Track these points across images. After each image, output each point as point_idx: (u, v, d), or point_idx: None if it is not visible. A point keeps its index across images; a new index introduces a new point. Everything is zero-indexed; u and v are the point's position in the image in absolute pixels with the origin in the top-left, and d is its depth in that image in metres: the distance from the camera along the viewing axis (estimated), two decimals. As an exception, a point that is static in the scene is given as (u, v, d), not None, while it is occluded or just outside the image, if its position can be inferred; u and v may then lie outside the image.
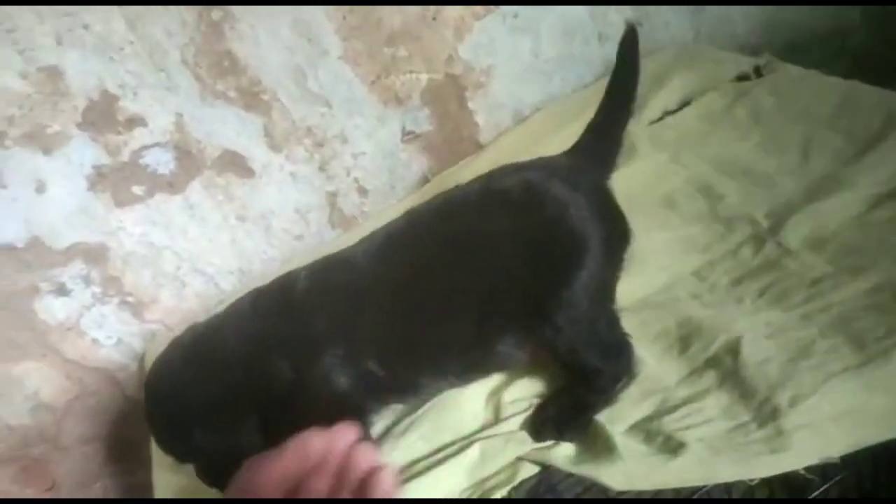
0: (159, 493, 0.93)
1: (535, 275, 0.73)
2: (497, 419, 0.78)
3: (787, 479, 0.65)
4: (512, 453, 0.73)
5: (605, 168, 0.82)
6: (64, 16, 1.02)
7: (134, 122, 1.12)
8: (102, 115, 1.10)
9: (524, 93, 1.40)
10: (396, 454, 0.76)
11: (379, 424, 0.83)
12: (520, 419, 0.77)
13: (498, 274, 0.74)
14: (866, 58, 1.70)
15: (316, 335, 0.74)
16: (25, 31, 1.01)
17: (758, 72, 1.19)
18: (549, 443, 0.73)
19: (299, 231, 1.34)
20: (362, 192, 1.34)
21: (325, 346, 0.74)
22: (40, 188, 1.11)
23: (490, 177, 0.82)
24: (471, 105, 1.36)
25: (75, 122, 1.09)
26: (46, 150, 1.09)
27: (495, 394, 0.81)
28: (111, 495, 1.43)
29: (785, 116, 1.05)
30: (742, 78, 1.20)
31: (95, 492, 1.42)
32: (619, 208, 0.79)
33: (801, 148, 0.98)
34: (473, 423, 0.78)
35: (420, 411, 0.80)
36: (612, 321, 0.77)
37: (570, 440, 0.73)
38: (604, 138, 0.83)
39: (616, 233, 0.78)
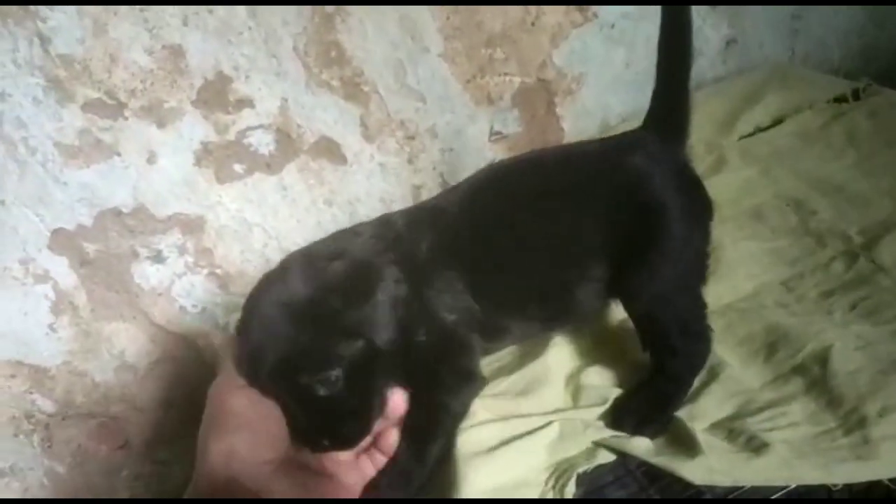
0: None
1: (617, 237, 0.75)
2: (575, 403, 0.80)
3: (870, 489, 0.65)
4: (590, 438, 0.75)
5: (680, 140, 0.82)
6: (191, -1, 1.09)
7: (243, 103, 1.19)
8: (216, 95, 1.16)
9: (613, 102, 1.42)
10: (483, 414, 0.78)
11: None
12: (597, 410, 0.78)
13: (579, 229, 0.76)
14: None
15: (420, 265, 0.74)
16: (156, 10, 1.08)
17: (856, 95, 1.18)
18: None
19: (383, 220, 1.38)
20: (445, 186, 1.38)
21: (430, 277, 0.75)
22: (151, 159, 1.18)
23: (574, 144, 0.85)
24: (559, 110, 1.39)
25: (190, 99, 1.15)
26: (161, 124, 1.16)
27: (574, 377, 0.82)
28: (179, 459, 1.49)
29: (882, 139, 1.05)
30: (839, 100, 1.19)
31: (164, 454, 1.48)
32: (699, 180, 0.80)
33: (896, 174, 0.98)
34: (555, 402, 0.79)
35: (505, 383, 0.82)
36: (697, 304, 0.78)
37: (651, 437, 0.74)
38: (673, 111, 0.83)
39: (699, 203, 0.79)
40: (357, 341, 0.68)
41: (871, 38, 1.53)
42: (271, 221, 1.31)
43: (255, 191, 1.27)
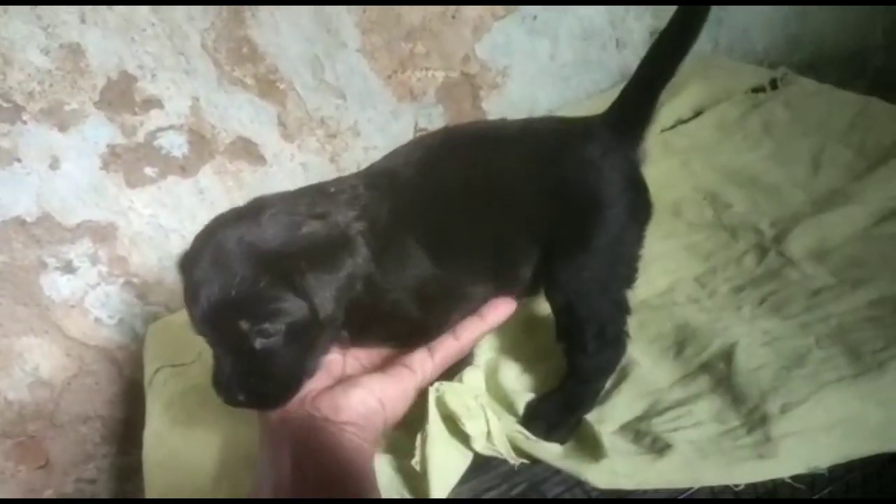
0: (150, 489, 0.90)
1: (556, 223, 0.74)
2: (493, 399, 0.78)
3: (775, 488, 0.64)
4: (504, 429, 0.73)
5: (636, 141, 0.80)
6: (88, -6, 1.03)
7: (150, 103, 1.13)
8: (120, 95, 1.11)
9: (539, 95, 1.40)
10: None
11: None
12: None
13: (519, 209, 0.75)
14: (886, 79, 1.70)
15: (382, 231, 0.72)
16: (50, 8, 1.02)
17: (774, 84, 1.19)
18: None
19: (307, 221, 1.34)
20: (372, 186, 1.35)
21: (391, 244, 0.72)
22: (54, 164, 1.12)
23: (533, 119, 0.85)
24: (484, 105, 1.37)
25: (93, 100, 1.10)
26: (63, 127, 1.10)
27: (492, 376, 0.80)
28: (104, 476, 1.43)
29: (797, 129, 1.05)
30: (758, 90, 1.19)
31: (89, 472, 1.42)
32: (646, 183, 0.79)
33: (812, 161, 0.98)
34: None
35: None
36: (619, 308, 0.76)
37: (559, 441, 0.73)
38: (638, 111, 0.80)
39: (640, 207, 0.78)
40: (305, 304, 0.66)
41: (795, 27, 1.55)
42: (189, 227, 1.25)
43: (170, 195, 1.22)
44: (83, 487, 1.43)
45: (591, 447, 0.68)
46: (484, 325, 0.77)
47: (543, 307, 0.79)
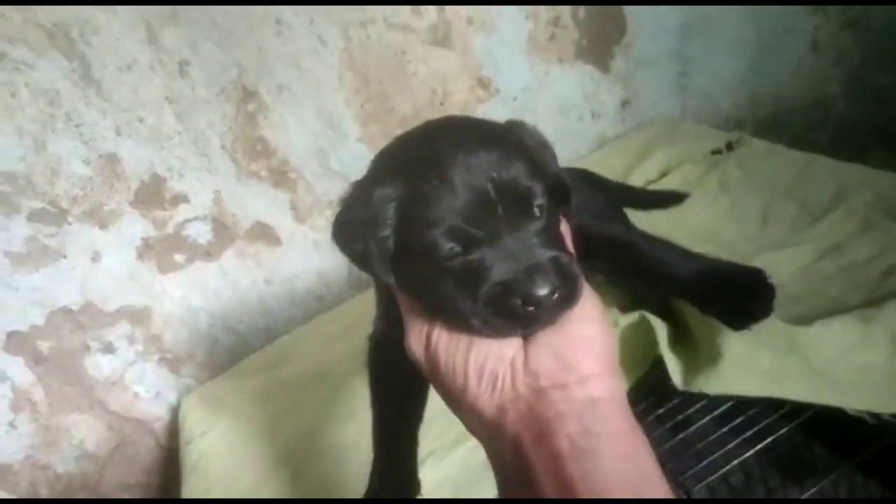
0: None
1: None
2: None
3: None
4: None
5: None
6: (123, 111, 1.19)
7: (178, 199, 1.29)
8: (152, 194, 1.26)
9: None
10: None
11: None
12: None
13: None
14: (847, 126, 1.84)
15: None
16: (90, 125, 1.19)
17: (730, 146, 1.32)
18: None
19: (320, 292, 1.48)
20: (378, 257, 1.48)
21: None
22: (96, 258, 1.27)
23: None
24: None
25: (128, 200, 1.25)
26: (103, 226, 1.25)
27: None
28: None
29: (749, 187, 1.18)
30: (716, 152, 1.33)
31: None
32: None
33: (761, 216, 1.11)
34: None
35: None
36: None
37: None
38: None
39: None
40: None
41: (755, 86, 1.69)
42: (215, 305, 1.40)
43: (197, 277, 1.36)
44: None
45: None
46: None
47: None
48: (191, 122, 1.25)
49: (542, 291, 0.52)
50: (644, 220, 1.07)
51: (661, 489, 0.45)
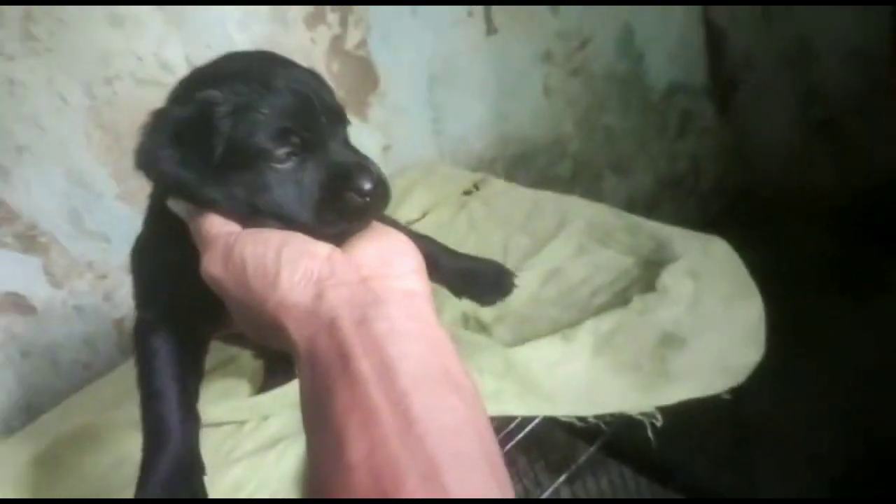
0: None
1: None
2: None
3: None
4: None
5: None
6: None
7: None
8: None
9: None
10: None
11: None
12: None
13: None
14: (583, 160, 2.13)
15: None
16: None
17: (477, 186, 1.48)
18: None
19: (88, 360, 1.40)
20: (150, 315, 1.44)
21: None
22: None
23: None
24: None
25: None
26: None
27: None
28: None
29: (492, 224, 1.33)
30: (467, 192, 1.48)
31: None
32: None
33: (503, 248, 1.25)
34: None
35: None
36: None
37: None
38: None
39: None
40: None
41: (501, 128, 1.90)
42: (-41, 387, 1.27)
43: (-64, 359, 1.23)
44: None
45: None
46: None
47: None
48: (-87, 190, 1.14)
49: (369, 185, 0.58)
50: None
51: (466, 377, 0.48)
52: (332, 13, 1.49)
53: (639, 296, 0.98)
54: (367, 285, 0.51)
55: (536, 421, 0.94)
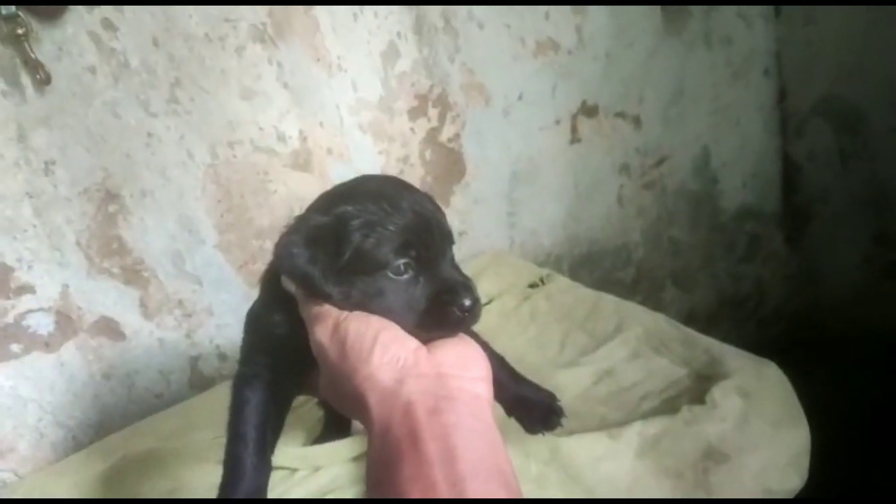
0: None
1: None
2: None
3: None
4: None
5: None
6: (-21, 203, 1.23)
7: (24, 289, 1.31)
8: (-4, 283, 1.28)
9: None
10: None
11: None
12: None
13: None
14: (646, 268, 2.18)
15: None
16: (-57, 211, 1.21)
17: (542, 281, 1.56)
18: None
19: (160, 390, 1.51)
20: (222, 357, 1.55)
21: None
22: (-73, 343, 1.25)
23: None
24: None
25: (-30, 287, 1.26)
26: (-61, 309, 1.25)
27: None
28: None
29: (553, 318, 1.40)
30: (532, 285, 1.56)
31: None
32: None
33: (560, 342, 1.32)
34: None
35: None
36: None
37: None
38: None
39: None
40: None
41: (572, 229, 1.99)
42: (47, 396, 1.39)
43: (32, 368, 1.36)
44: None
45: None
46: None
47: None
48: (48, 218, 1.30)
49: (469, 302, 0.67)
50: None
51: (513, 479, 0.55)
52: (433, 108, 1.65)
53: (688, 406, 1.02)
54: (443, 381, 0.59)
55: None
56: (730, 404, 1.02)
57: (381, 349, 0.61)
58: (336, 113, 1.53)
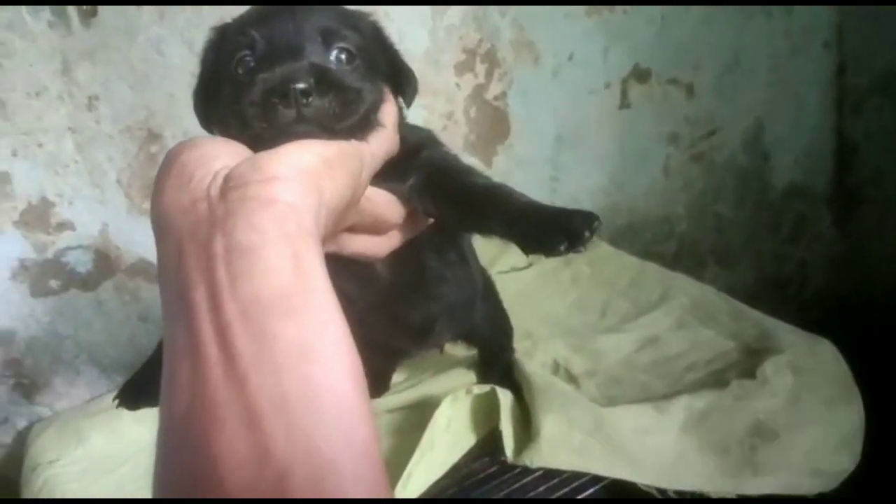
0: None
1: None
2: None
3: None
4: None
5: None
6: (23, 134, 1.22)
7: (64, 225, 1.31)
8: (37, 217, 1.28)
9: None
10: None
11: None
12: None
13: None
14: (688, 243, 2.12)
15: None
16: (-11, 141, 1.21)
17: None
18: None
19: (194, 335, 1.51)
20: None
21: None
22: (-34, 272, 1.26)
23: None
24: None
25: (12, 220, 1.26)
26: (-21, 242, 1.25)
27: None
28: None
29: (594, 283, 1.36)
30: (573, 250, 1.52)
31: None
32: None
33: (601, 308, 1.29)
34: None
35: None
36: None
37: None
38: None
39: None
40: None
41: (614, 198, 1.94)
42: (84, 335, 1.40)
43: (70, 305, 1.36)
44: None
45: None
46: None
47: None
48: (90, 154, 1.29)
49: (301, 85, 0.52)
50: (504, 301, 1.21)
51: (326, 303, 0.41)
52: (480, 64, 1.60)
53: (737, 381, 0.98)
54: (224, 197, 0.43)
55: (610, 479, 0.94)
56: (781, 380, 0.98)
57: (176, 171, 0.46)
58: (381, 63, 1.49)
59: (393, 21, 1.48)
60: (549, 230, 0.62)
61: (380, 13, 1.43)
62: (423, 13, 1.51)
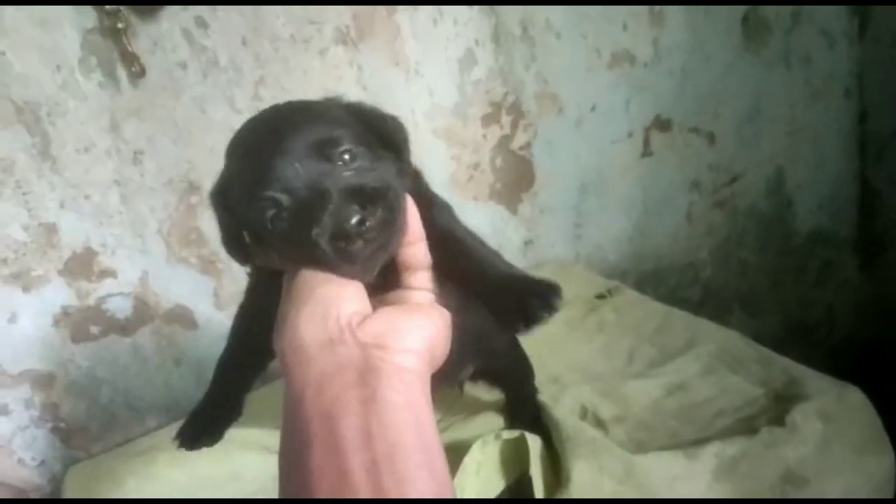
0: None
1: None
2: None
3: None
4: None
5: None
6: (71, 187, 1.29)
7: (106, 273, 1.36)
8: (81, 266, 1.33)
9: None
10: None
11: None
12: None
13: None
14: (713, 289, 2.13)
15: None
16: (37, 195, 1.27)
17: (610, 293, 1.53)
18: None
19: (227, 380, 1.54)
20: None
21: None
22: (12, 319, 1.31)
23: None
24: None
25: (57, 268, 1.32)
26: (26, 289, 1.30)
27: None
28: None
29: (620, 330, 1.37)
30: (599, 296, 1.54)
31: None
32: None
33: (628, 355, 1.30)
34: None
35: None
36: None
37: None
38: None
39: None
40: None
41: (639, 244, 1.96)
42: (120, 379, 1.44)
43: (108, 350, 1.41)
44: None
45: None
46: None
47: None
48: (133, 205, 1.35)
49: (352, 221, 0.54)
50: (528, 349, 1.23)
51: (440, 459, 0.50)
52: (506, 116, 1.65)
53: (767, 427, 0.99)
54: (366, 353, 0.52)
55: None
56: (810, 427, 0.98)
57: (313, 305, 0.55)
58: (411, 117, 1.54)
59: (423, 77, 1.54)
60: (507, 310, 0.68)
61: (411, 72, 1.51)
62: (451, 69, 1.58)
